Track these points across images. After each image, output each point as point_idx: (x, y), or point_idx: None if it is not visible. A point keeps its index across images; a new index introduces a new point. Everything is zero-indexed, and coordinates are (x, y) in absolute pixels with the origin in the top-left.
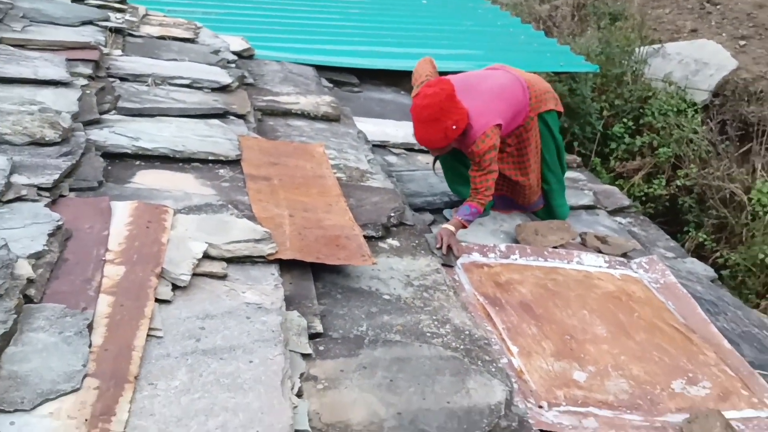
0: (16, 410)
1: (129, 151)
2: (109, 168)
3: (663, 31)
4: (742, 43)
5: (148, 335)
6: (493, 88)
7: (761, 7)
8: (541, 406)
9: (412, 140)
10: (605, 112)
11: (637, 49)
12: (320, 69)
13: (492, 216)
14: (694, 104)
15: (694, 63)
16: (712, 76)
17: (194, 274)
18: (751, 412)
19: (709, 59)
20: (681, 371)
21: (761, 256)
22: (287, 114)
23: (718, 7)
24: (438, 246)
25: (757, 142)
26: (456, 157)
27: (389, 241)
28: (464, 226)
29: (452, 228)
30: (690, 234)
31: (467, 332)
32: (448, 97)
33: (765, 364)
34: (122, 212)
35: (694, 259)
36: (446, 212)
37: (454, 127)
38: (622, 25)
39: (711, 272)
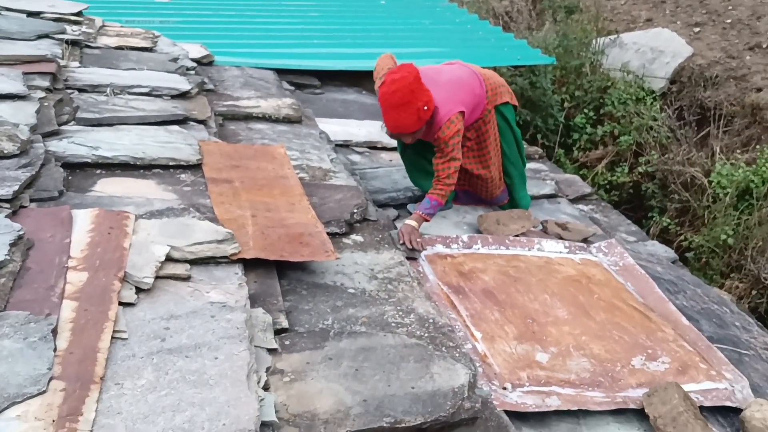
0: None
1: (89, 161)
2: (70, 178)
3: (619, 21)
4: (696, 29)
5: (112, 337)
6: (453, 80)
7: None
8: (505, 388)
9: (375, 138)
10: (566, 104)
11: (594, 41)
12: (281, 72)
13: (455, 208)
14: (653, 92)
15: (651, 51)
16: (669, 63)
17: (158, 277)
18: (710, 383)
19: (664, 47)
20: (640, 348)
21: (723, 236)
22: (248, 118)
23: None
24: (401, 242)
25: (714, 126)
26: (418, 151)
27: (353, 236)
28: (426, 220)
29: (414, 223)
30: (654, 219)
31: (431, 320)
32: (415, 79)
33: (724, 339)
34: (83, 220)
35: (655, 242)
36: (410, 207)
37: (425, 108)
38: (578, 18)
39: (671, 254)
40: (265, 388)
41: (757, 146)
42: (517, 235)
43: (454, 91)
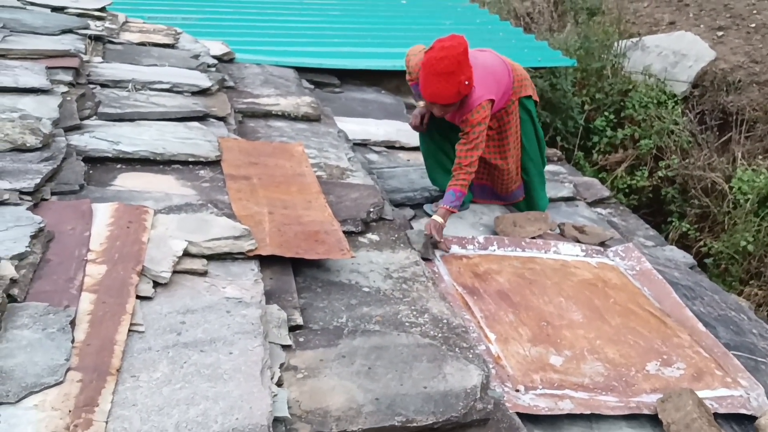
0: (2, 403)
1: (110, 155)
2: (91, 172)
3: (641, 24)
4: (719, 33)
5: (129, 330)
6: (486, 66)
7: None
8: (518, 390)
9: (393, 138)
10: (586, 106)
11: (615, 43)
12: (301, 71)
13: (471, 209)
14: (674, 96)
15: (673, 55)
16: (691, 67)
17: (175, 272)
18: (725, 391)
19: (687, 51)
20: (655, 353)
21: (743, 243)
22: (268, 115)
23: None
24: (428, 234)
25: (736, 131)
26: (440, 147)
27: (369, 235)
28: (452, 212)
29: (440, 220)
30: (674, 224)
31: (445, 321)
32: (464, 51)
33: (741, 346)
34: (103, 214)
35: (673, 247)
36: (427, 207)
37: (466, 82)
38: (601, 20)
39: (690, 259)
40: (279, 383)
41: None
42: (533, 238)
43: (487, 78)
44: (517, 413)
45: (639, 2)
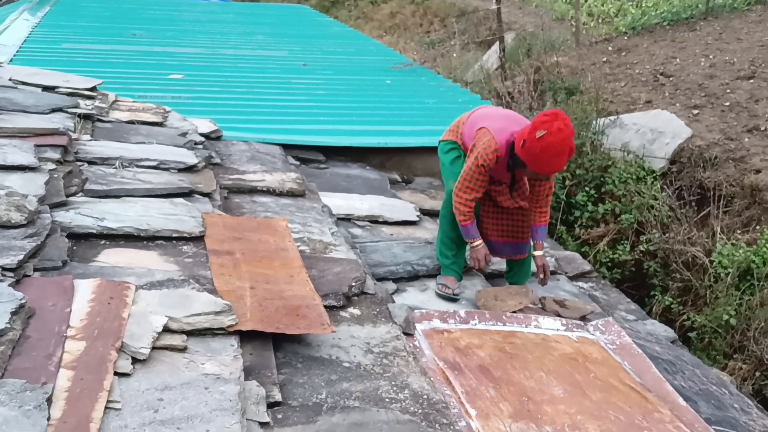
0: None
1: (94, 231)
2: (74, 248)
3: (619, 102)
4: (695, 112)
5: (106, 407)
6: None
7: (712, 77)
8: None
9: (377, 212)
10: (567, 182)
11: (594, 121)
12: (287, 147)
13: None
14: (653, 171)
15: (650, 132)
16: (668, 144)
17: (154, 347)
18: None
19: (664, 128)
20: (636, 429)
21: (725, 317)
22: (253, 191)
23: (671, 78)
24: (542, 275)
25: (714, 206)
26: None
27: (350, 310)
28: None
29: (541, 253)
30: (657, 298)
31: (425, 396)
32: (570, 123)
33: (722, 421)
34: (85, 290)
35: (654, 321)
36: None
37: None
38: (579, 99)
39: (671, 333)
40: None
41: (757, 227)
42: (514, 312)
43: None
44: None
45: (616, 82)
